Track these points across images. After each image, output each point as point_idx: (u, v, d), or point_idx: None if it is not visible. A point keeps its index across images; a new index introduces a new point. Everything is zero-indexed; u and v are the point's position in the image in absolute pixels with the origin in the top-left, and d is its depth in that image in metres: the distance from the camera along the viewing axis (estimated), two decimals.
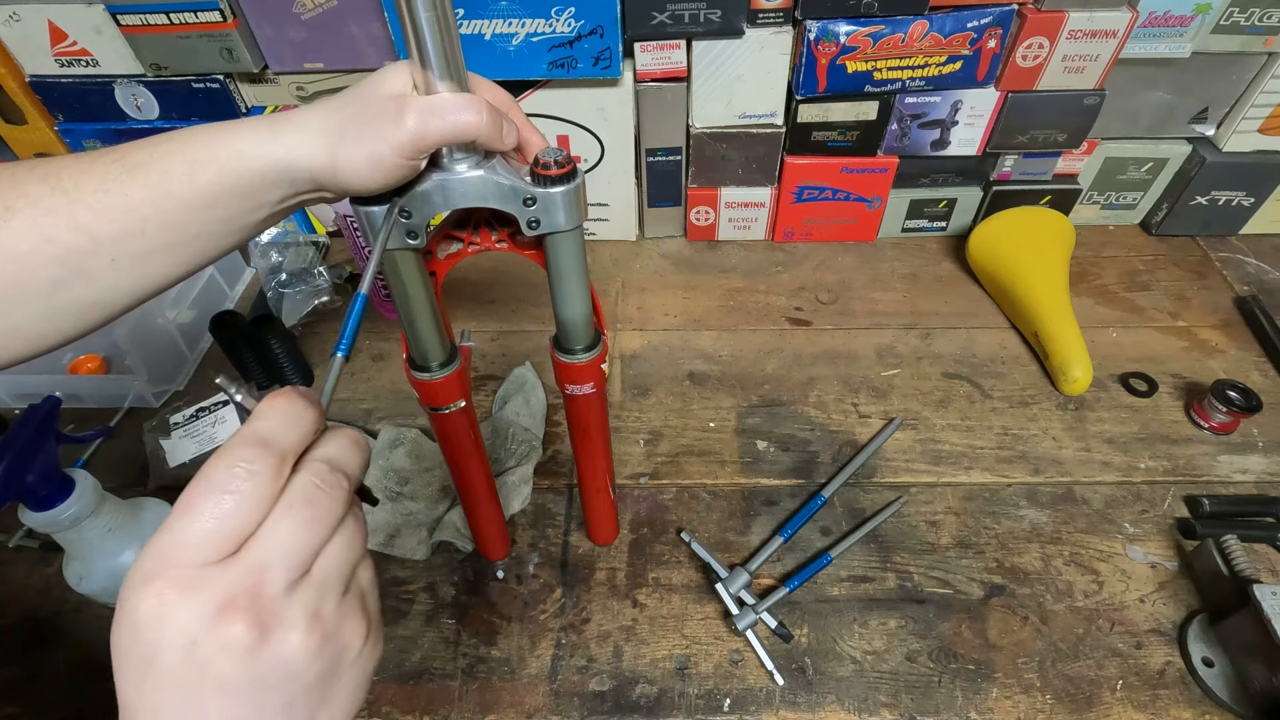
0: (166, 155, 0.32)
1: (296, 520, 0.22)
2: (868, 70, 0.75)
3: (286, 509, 0.22)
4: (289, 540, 0.22)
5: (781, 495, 0.65)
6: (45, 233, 0.31)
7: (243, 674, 0.21)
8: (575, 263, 0.39)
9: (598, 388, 0.47)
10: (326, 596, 0.23)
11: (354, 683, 0.25)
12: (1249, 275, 0.86)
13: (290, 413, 0.24)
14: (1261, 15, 0.72)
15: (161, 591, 0.21)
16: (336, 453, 0.25)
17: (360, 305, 0.28)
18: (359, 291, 0.29)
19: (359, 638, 0.24)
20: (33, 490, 0.43)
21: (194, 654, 0.21)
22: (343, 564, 0.24)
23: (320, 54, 0.76)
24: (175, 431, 0.70)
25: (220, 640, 0.21)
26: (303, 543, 0.22)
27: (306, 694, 0.23)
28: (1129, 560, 0.60)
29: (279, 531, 0.22)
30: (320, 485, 0.23)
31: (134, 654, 0.21)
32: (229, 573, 0.21)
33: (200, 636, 0.21)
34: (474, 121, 0.32)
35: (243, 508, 0.22)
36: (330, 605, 0.23)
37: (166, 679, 0.21)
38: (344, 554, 0.24)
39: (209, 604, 0.21)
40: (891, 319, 0.82)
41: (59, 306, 0.32)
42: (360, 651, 0.24)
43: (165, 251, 0.33)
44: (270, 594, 0.22)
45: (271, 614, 0.21)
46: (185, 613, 0.21)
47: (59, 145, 0.83)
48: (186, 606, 0.21)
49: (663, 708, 0.53)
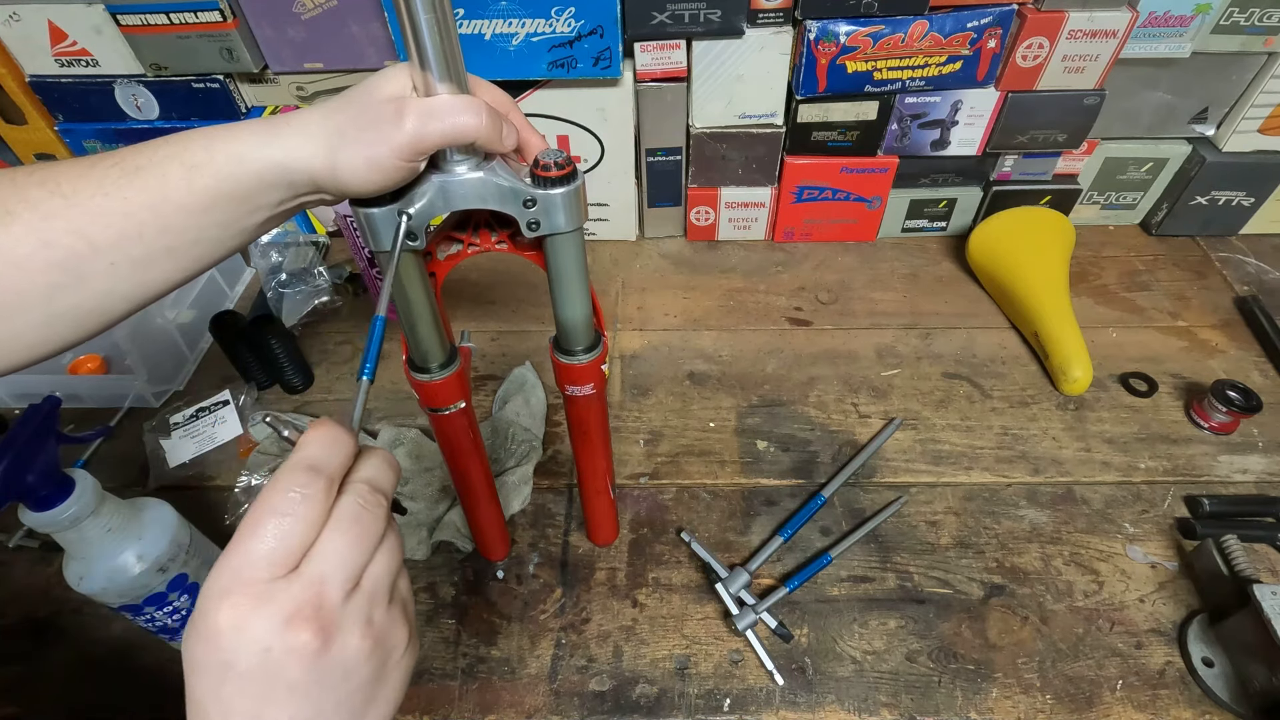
0: (164, 159, 0.32)
1: (347, 537, 0.25)
2: (868, 70, 0.75)
3: (338, 528, 0.25)
4: (342, 555, 0.25)
5: (781, 495, 0.65)
6: (44, 237, 0.31)
7: (308, 675, 0.24)
8: (575, 264, 0.39)
9: (598, 389, 0.47)
10: (376, 605, 0.26)
11: (397, 681, 0.27)
12: (1249, 275, 0.86)
13: (333, 440, 0.27)
14: (1261, 15, 0.72)
15: (237, 604, 0.23)
16: (374, 474, 0.28)
17: (380, 329, 0.30)
18: (377, 315, 0.30)
19: (403, 641, 0.27)
20: (33, 490, 0.43)
21: (268, 659, 0.23)
22: (387, 575, 0.27)
23: (320, 54, 0.76)
24: (175, 431, 0.70)
25: (289, 646, 0.23)
26: (354, 557, 0.25)
27: (360, 692, 0.26)
28: (1129, 560, 0.60)
29: (333, 548, 0.25)
30: (364, 505, 0.26)
31: (212, 660, 0.23)
32: (293, 587, 0.24)
33: (273, 643, 0.23)
34: (473, 123, 0.32)
35: (299, 527, 0.25)
36: (379, 613, 0.26)
37: (243, 681, 0.23)
38: (387, 566, 0.27)
39: (278, 615, 0.23)
40: (891, 319, 0.82)
41: (58, 312, 0.32)
42: (404, 653, 0.27)
43: (164, 256, 0.33)
44: (330, 604, 0.24)
45: (332, 622, 0.24)
46: (260, 623, 0.23)
47: (59, 145, 0.83)
48: (260, 618, 0.23)
49: (663, 708, 0.53)
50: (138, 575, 0.48)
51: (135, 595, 0.49)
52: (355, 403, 0.29)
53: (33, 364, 0.33)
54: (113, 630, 0.57)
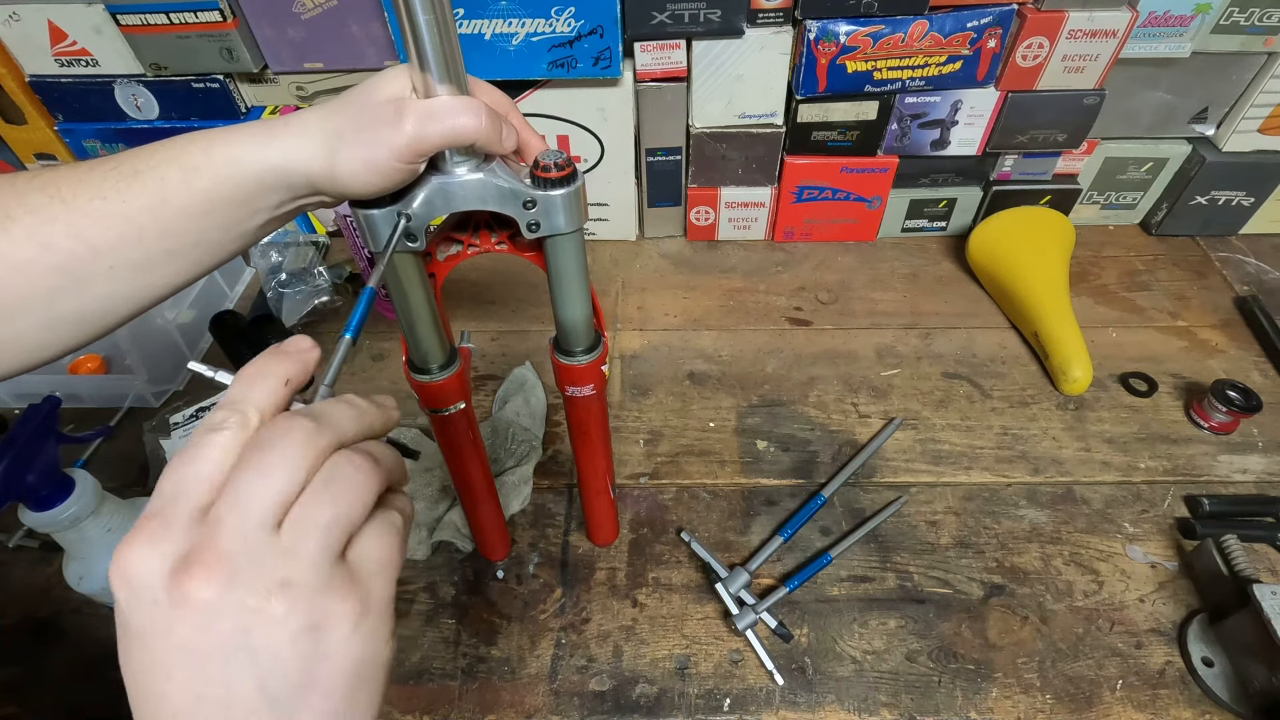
0: (163, 163, 0.32)
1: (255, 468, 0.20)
2: (868, 70, 0.75)
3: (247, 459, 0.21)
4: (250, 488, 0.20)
5: (781, 495, 0.65)
6: (44, 241, 0.31)
7: (202, 638, 0.19)
8: (575, 265, 0.39)
9: (598, 389, 0.47)
10: (297, 556, 0.20)
11: (346, 669, 0.21)
12: (1249, 275, 0.86)
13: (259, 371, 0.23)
14: (1261, 15, 0.72)
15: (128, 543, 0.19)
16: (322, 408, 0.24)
17: (368, 297, 0.29)
18: (367, 285, 0.30)
19: (346, 614, 0.21)
20: (33, 490, 0.43)
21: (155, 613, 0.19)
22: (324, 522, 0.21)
23: (320, 54, 0.76)
24: (175, 431, 0.70)
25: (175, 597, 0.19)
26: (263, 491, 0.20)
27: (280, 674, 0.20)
28: (1129, 560, 0.60)
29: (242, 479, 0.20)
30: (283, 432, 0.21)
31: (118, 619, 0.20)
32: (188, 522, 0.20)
33: (158, 593, 0.19)
34: (472, 125, 0.32)
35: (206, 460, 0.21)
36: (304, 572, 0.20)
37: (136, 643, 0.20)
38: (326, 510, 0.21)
39: (167, 555, 0.19)
40: (891, 319, 0.82)
41: (59, 315, 0.32)
42: (350, 634, 0.21)
43: (164, 259, 0.33)
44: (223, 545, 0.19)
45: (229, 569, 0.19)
46: (145, 565, 0.19)
47: (59, 145, 0.83)
48: (147, 559, 0.19)
49: (663, 708, 0.53)
50: None
51: None
52: (332, 358, 0.27)
53: (34, 368, 0.33)
54: (113, 630, 0.57)
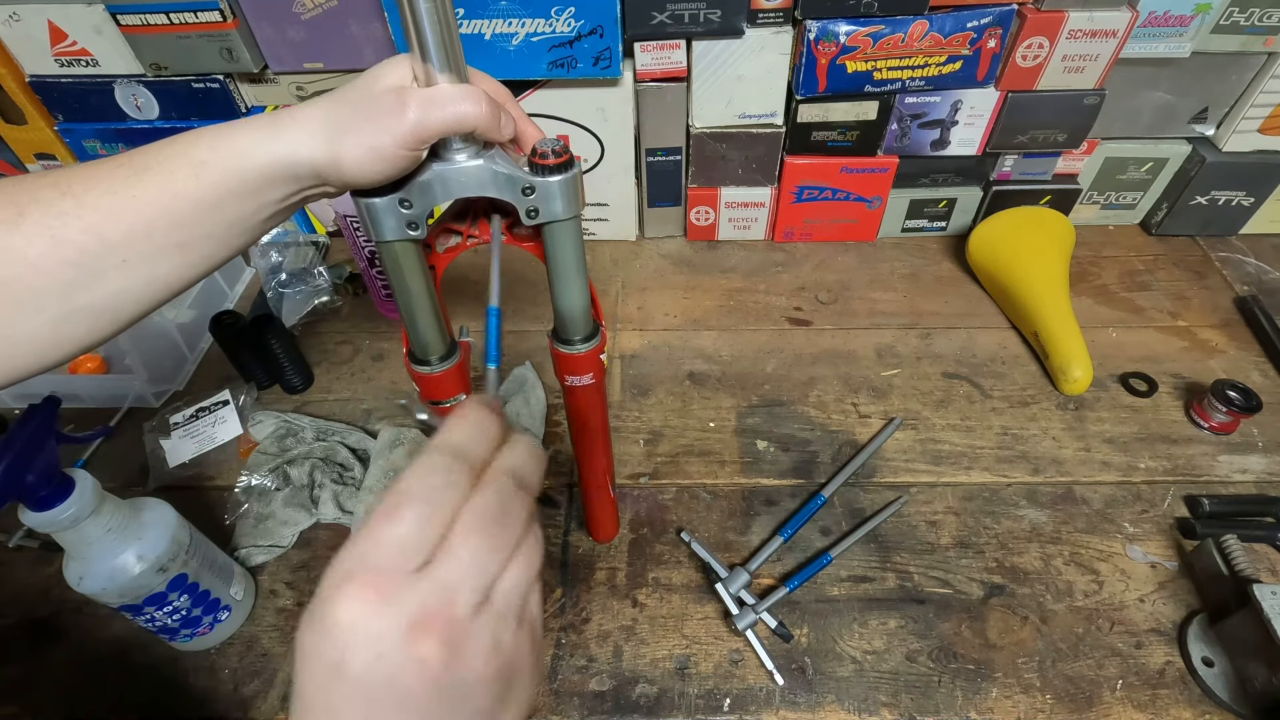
0: (170, 158, 0.33)
1: (483, 537, 0.23)
2: (868, 70, 0.75)
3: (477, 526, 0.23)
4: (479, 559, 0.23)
5: (781, 495, 0.65)
6: (56, 235, 0.31)
7: (425, 692, 0.21)
8: (573, 252, 0.39)
9: (597, 379, 0.47)
10: (505, 625, 0.23)
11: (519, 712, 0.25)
12: (1249, 275, 0.86)
13: (480, 424, 0.25)
14: (1261, 15, 0.72)
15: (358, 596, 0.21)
16: (520, 463, 0.25)
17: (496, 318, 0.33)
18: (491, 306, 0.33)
19: (526, 671, 0.24)
20: (33, 490, 0.43)
21: (383, 665, 0.21)
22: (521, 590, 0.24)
23: (320, 54, 0.76)
24: (175, 431, 0.70)
25: (410, 655, 0.21)
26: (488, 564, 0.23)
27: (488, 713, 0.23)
28: (1129, 560, 0.60)
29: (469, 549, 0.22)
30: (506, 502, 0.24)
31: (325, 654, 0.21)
32: (421, 586, 0.22)
33: (391, 650, 0.21)
34: (473, 111, 0.33)
35: (437, 517, 0.22)
36: (508, 636, 0.23)
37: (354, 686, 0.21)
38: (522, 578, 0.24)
39: (402, 617, 0.21)
40: (891, 319, 0.82)
41: (73, 310, 0.32)
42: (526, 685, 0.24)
43: (175, 252, 0.34)
44: (460, 616, 0.22)
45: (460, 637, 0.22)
46: (380, 623, 0.21)
47: (59, 145, 0.83)
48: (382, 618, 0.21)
49: (663, 708, 0.53)
50: (138, 575, 0.48)
51: (135, 595, 0.49)
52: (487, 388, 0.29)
53: (47, 368, 0.33)
54: (113, 630, 0.57)
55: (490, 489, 0.24)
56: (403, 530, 0.22)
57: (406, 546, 0.22)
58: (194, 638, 0.54)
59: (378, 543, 0.22)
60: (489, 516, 0.23)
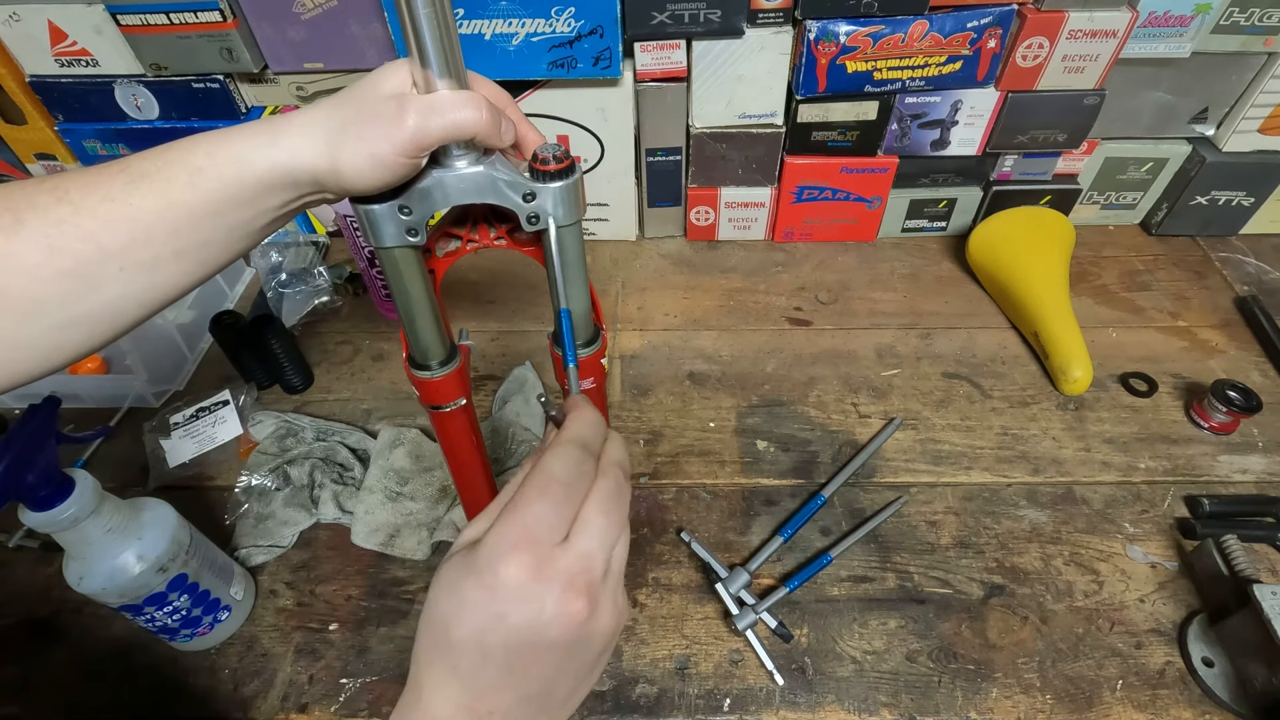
0: (169, 164, 0.32)
1: (608, 518, 0.28)
2: (868, 70, 0.75)
3: (602, 507, 0.28)
4: (605, 534, 0.28)
5: (781, 495, 0.65)
6: (54, 243, 0.31)
7: (567, 640, 0.26)
8: (575, 257, 0.39)
9: (598, 383, 0.47)
10: (619, 587, 0.29)
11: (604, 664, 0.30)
12: (1249, 275, 0.86)
13: (596, 421, 0.30)
14: (1261, 15, 0.72)
15: (524, 563, 0.26)
16: (623, 457, 0.31)
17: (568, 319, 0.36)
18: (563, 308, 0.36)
19: (623, 624, 0.30)
20: (33, 490, 0.43)
21: (539, 618, 0.26)
22: (625, 558, 0.29)
23: (320, 54, 0.76)
24: (175, 431, 0.70)
25: (561, 611, 0.26)
26: (610, 537, 0.28)
27: (591, 665, 0.29)
28: (1129, 560, 0.60)
29: (598, 526, 0.27)
30: (620, 488, 0.29)
31: (486, 605, 0.26)
32: (569, 555, 0.26)
33: (548, 606, 0.26)
34: (474, 118, 0.32)
35: (575, 498, 0.28)
36: (621, 594, 0.29)
37: (511, 633, 0.26)
38: (625, 548, 0.29)
39: (558, 580, 0.26)
40: (891, 319, 0.82)
41: (70, 318, 0.32)
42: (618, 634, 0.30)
43: (173, 259, 0.33)
44: (596, 579, 0.27)
45: (597, 596, 0.27)
46: (541, 586, 0.26)
47: (59, 145, 0.83)
48: (543, 581, 0.26)
49: (663, 708, 0.53)
50: (138, 575, 0.48)
51: (135, 595, 0.49)
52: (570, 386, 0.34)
53: (46, 374, 0.33)
54: (113, 630, 0.57)
55: (609, 477, 0.29)
56: (551, 508, 0.27)
57: (555, 523, 0.27)
58: (194, 638, 0.54)
59: (536, 516, 0.27)
60: (610, 499, 0.28)
